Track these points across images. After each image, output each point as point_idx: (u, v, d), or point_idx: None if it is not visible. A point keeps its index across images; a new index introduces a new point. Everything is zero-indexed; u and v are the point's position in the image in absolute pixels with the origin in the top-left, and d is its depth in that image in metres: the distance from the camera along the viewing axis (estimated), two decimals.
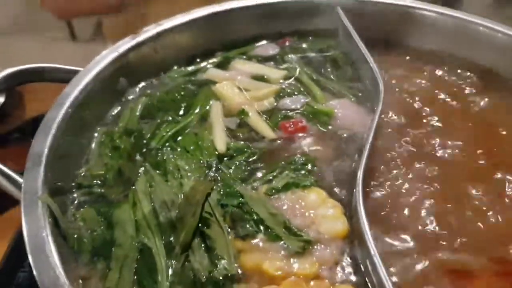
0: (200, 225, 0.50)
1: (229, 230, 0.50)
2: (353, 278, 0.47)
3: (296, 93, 0.69)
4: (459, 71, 0.72)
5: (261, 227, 0.50)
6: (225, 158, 0.59)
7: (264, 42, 0.79)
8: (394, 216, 0.51)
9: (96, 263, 0.48)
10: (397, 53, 0.76)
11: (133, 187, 0.55)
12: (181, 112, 0.66)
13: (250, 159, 0.59)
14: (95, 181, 0.56)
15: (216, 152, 0.59)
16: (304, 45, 0.78)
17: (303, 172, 0.57)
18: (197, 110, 0.66)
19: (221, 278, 0.46)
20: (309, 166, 0.58)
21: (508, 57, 0.69)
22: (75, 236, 0.49)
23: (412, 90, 0.69)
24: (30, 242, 0.43)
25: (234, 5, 0.77)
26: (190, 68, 0.74)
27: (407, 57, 0.76)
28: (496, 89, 0.69)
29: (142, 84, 0.71)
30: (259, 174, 0.57)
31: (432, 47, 0.76)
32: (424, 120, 0.64)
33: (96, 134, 0.62)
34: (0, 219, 0.96)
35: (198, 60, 0.76)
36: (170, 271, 0.47)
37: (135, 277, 0.47)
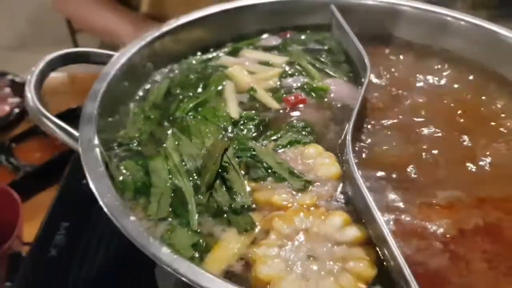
0: (220, 171, 0.62)
1: (243, 174, 0.62)
2: (344, 207, 0.58)
3: (296, 74, 0.81)
4: (437, 59, 0.85)
5: (270, 172, 0.62)
6: (239, 124, 0.71)
7: (267, 35, 0.92)
8: (378, 162, 0.63)
9: (138, 199, 0.60)
10: (384, 44, 0.88)
11: (164, 145, 0.67)
12: (199, 90, 0.79)
13: (259, 125, 0.71)
14: (132, 141, 0.68)
15: (231, 119, 0.71)
16: (302, 37, 0.91)
17: (303, 133, 0.69)
18: (212, 88, 0.78)
19: (239, 207, 0.58)
20: (308, 129, 0.69)
21: (475, 44, 0.81)
22: (120, 179, 0.61)
23: (395, 74, 0.82)
24: (90, 174, 0.54)
25: (242, 3, 0.90)
26: (205, 56, 0.87)
27: (392, 47, 0.88)
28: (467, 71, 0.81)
29: (166, 68, 0.83)
30: (267, 136, 0.69)
31: (414, 38, 0.88)
32: (405, 94, 0.76)
33: (130, 107, 0.74)
34: (31, 202, 1.08)
35: (211, 50, 0.88)
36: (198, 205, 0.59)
37: (170, 209, 0.59)
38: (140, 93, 0.78)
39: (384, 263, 0.51)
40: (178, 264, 0.45)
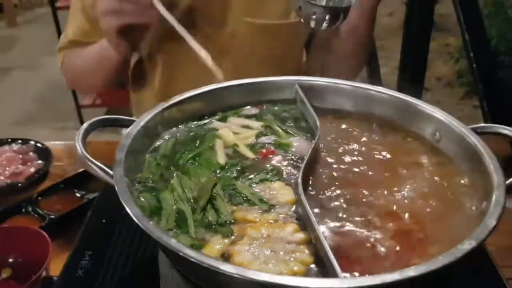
0: (210, 199, 0.88)
1: (227, 200, 0.88)
2: (295, 221, 0.84)
3: (269, 134, 1.09)
4: (369, 122, 1.14)
5: (245, 199, 0.89)
6: (225, 168, 0.98)
7: (248, 106, 1.21)
8: (322, 191, 0.90)
9: (152, 217, 0.85)
10: (333, 112, 1.17)
11: (171, 182, 0.93)
12: (196, 145, 1.06)
13: (240, 169, 0.98)
14: (147, 180, 0.95)
15: (219, 165, 0.99)
16: (275, 108, 1.20)
17: (271, 174, 0.96)
18: (206, 144, 1.06)
19: (223, 222, 0.83)
20: (275, 171, 0.97)
21: (395, 111, 1.11)
22: (140, 205, 0.87)
23: (340, 133, 1.10)
24: (123, 198, 0.80)
25: (230, 84, 1.19)
26: (201, 122, 1.16)
27: (338, 113, 1.17)
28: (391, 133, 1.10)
29: (171, 130, 1.11)
30: (245, 176, 0.96)
31: (352, 107, 1.18)
32: (346, 147, 1.05)
33: (145, 156, 1.02)
34: (54, 246, 1.29)
35: (205, 117, 1.16)
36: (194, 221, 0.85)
37: (175, 223, 0.84)
38: (153, 148, 1.05)
39: (318, 253, 0.76)
40: (182, 248, 0.70)
